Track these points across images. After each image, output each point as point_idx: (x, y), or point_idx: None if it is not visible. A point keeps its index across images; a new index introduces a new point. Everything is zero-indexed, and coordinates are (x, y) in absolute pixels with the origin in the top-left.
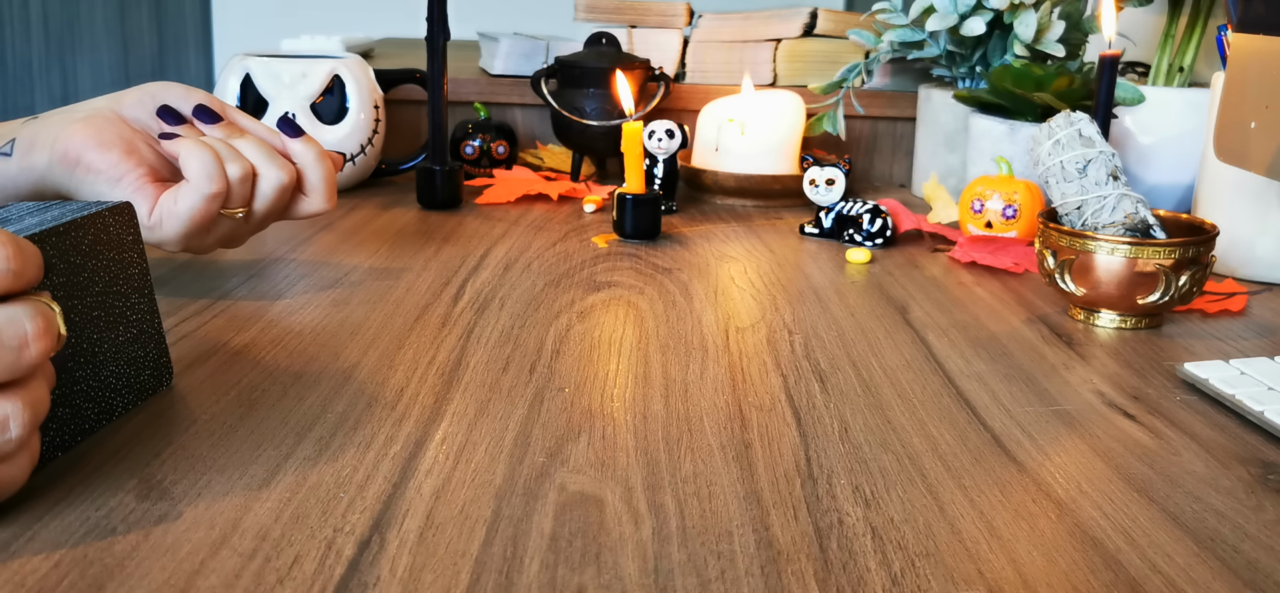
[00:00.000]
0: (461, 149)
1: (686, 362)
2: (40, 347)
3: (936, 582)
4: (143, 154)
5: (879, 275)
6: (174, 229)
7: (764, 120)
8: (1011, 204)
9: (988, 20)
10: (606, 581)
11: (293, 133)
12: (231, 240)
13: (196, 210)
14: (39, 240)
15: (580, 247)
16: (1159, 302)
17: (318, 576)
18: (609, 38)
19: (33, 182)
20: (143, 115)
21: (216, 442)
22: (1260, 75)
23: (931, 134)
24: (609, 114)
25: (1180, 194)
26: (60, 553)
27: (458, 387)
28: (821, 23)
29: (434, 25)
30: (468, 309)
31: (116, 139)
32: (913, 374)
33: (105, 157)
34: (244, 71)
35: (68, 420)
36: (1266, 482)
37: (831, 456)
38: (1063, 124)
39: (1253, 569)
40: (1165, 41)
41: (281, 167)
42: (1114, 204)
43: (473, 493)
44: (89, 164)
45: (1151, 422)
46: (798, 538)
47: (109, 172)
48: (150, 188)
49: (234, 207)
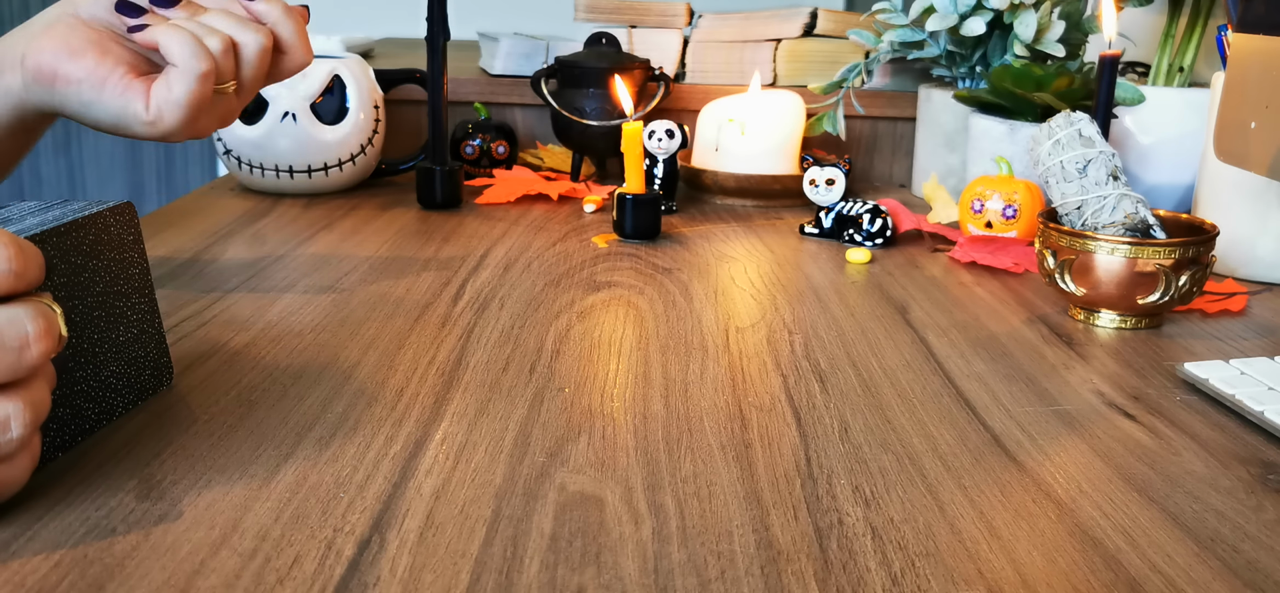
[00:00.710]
0: (461, 149)
1: (686, 362)
2: (42, 347)
3: (936, 582)
4: (116, 53)
5: (879, 275)
6: (175, 118)
7: (764, 120)
8: (1011, 204)
9: (988, 20)
10: (606, 581)
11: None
12: (227, 117)
13: (192, 93)
14: (40, 241)
15: (580, 247)
16: (1159, 302)
17: (318, 576)
18: (609, 38)
19: (12, 106)
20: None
21: (216, 442)
22: (1260, 75)
23: (931, 134)
24: (609, 114)
25: (1180, 194)
26: (60, 553)
27: (458, 387)
28: (821, 23)
29: (434, 25)
30: (468, 309)
31: (86, 44)
32: (913, 374)
33: (81, 64)
34: None
35: (68, 421)
36: (1266, 482)
37: (831, 456)
38: (1063, 124)
39: (1253, 569)
40: (1165, 41)
41: (257, 30)
42: (1114, 204)
43: (473, 493)
44: (67, 75)
45: (1151, 422)
46: (798, 538)
47: (89, 78)
48: (138, 84)
49: (224, 81)
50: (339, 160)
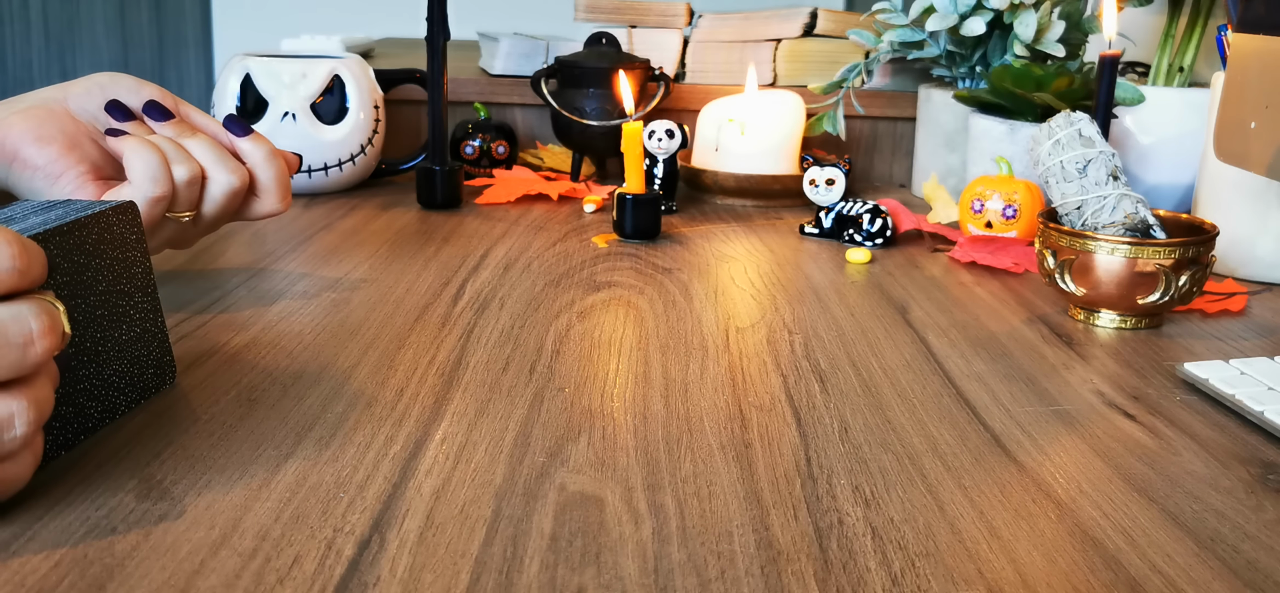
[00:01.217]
0: (461, 149)
1: (686, 362)
2: (45, 345)
3: (936, 582)
4: (84, 150)
5: (879, 275)
6: None
7: (764, 120)
8: (1011, 204)
9: (988, 20)
10: (606, 581)
11: (241, 132)
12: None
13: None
14: (43, 240)
15: (580, 247)
16: (1159, 302)
17: (318, 576)
18: (609, 38)
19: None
20: (90, 107)
21: (216, 442)
22: (1260, 75)
23: (931, 134)
24: (609, 114)
25: (1180, 194)
26: (60, 553)
27: (458, 387)
28: (821, 23)
29: (434, 25)
30: (468, 309)
31: (57, 134)
32: (913, 374)
33: (43, 152)
34: (244, 71)
35: (71, 419)
36: (1266, 482)
37: (831, 456)
38: (1063, 124)
39: (1253, 569)
40: (1165, 41)
41: (232, 170)
42: (1114, 204)
43: (473, 493)
44: (26, 159)
45: (1151, 422)
46: (798, 538)
47: (47, 168)
48: (90, 186)
49: (180, 210)
50: (339, 160)
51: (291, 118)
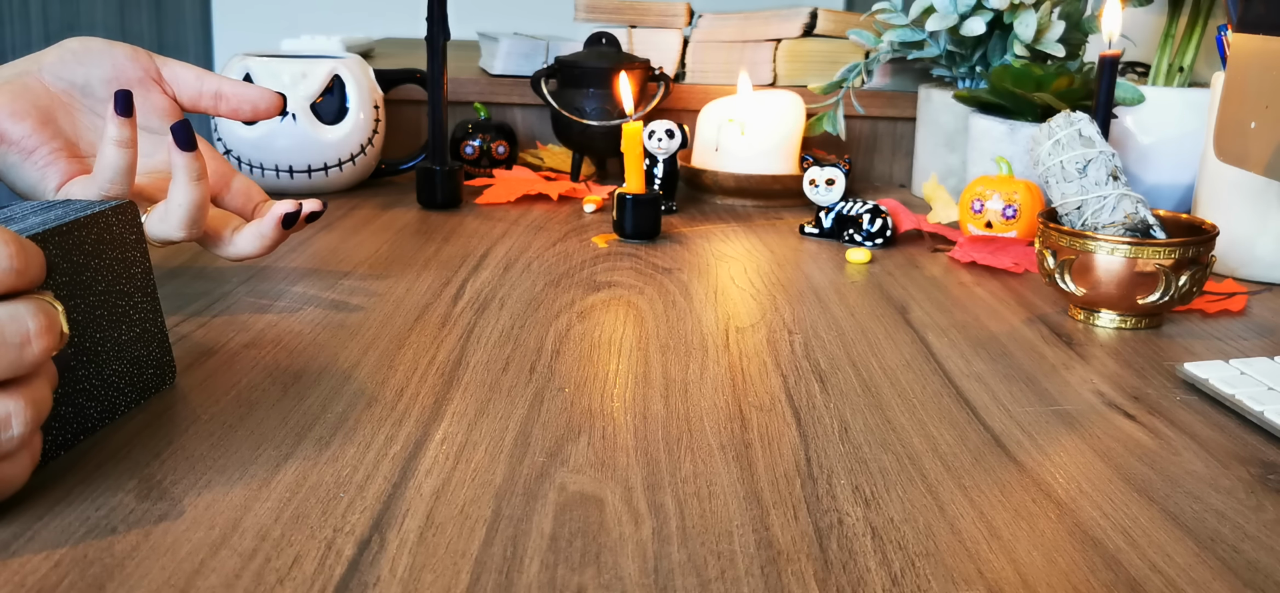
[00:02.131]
0: (461, 149)
1: (686, 362)
2: (42, 345)
3: (936, 582)
4: (57, 126)
5: (879, 275)
6: None
7: (764, 120)
8: (1011, 204)
9: (988, 20)
10: (606, 581)
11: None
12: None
13: None
14: (42, 240)
15: (580, 247)
16: (1159, 302)
17: (318, 576)
18: (609, 38)
19: None
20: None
21: (216, 442)
22: (1260, 75)
23: (931, 134)
24: (609, 114)
25: (1180, 194)
26: (60, 553)
27: (458, 387)
28: (821, 23)
29: (434, 25)
30: (468, 309)
31: (31, 109)
32: (913, 374)
33: (18, 127)
34: (244, 71)
35: (71, 419)
36: (1266, 482)
37: (831, 455)
38: (1063, 124)
39: (1253, 569)
40: (1165, 41)
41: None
42: (1114, 204)
43: (473, 493)
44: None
45: (1151, 422)
46: (798, 538)
47: (21, 143)
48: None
49: None
50: (339, 160)
51: (291, 118)
